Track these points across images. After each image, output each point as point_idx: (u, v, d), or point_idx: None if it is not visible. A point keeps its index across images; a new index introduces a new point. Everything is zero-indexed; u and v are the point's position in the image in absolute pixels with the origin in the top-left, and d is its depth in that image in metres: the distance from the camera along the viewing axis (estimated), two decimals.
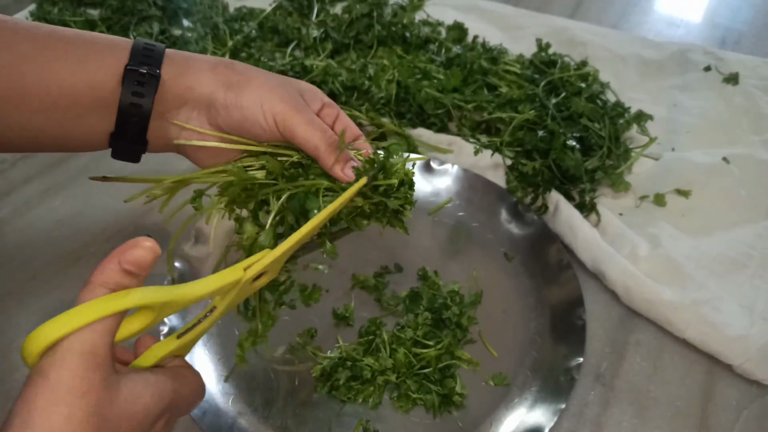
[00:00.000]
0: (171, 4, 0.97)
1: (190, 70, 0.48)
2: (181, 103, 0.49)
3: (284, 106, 0.47)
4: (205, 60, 0.50)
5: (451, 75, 0.80)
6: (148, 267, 0.34)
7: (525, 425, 0.52)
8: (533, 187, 0.70)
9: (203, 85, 0.48)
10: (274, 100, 0.48)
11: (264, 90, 0.48)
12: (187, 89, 0.48)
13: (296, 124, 0.47)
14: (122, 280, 0.33)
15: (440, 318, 0.59)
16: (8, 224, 0.70)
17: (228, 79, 0.48)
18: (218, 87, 0.48)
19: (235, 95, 0.48)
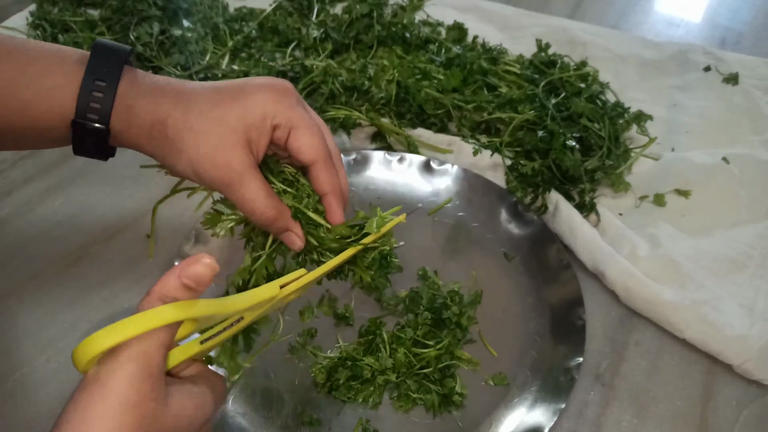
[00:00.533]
0: (171, 4, 0.97)
1: (131, 129, 0.46)
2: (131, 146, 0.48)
3: (217, 177, 0.45)
4: (145, 118, 0.46)
5: (451, 75, 0.80)
6: (206, 283, 0.35)
7: (525, 425, 0.52)
8: (533, 187, 0.70)
9: (143, 149, 0.47)
10: (206, 170, 0.45)
11: (197, 159, 0.45)
12: (131, 145, 0.47)
13: (233, 198, 0.46)
14: (180, 295, 0.34)
15: (440, 318, 0.59)
16: (8, 224, 0.70)
17: (162, 149, 0.46)
18: (156, 154, 0.47)
19: (170, 165, 0.46)
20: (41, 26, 0.94)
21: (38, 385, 0.56)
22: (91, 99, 0.45)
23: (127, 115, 0.45)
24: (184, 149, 0.45)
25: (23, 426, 0.53)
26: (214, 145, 0.44)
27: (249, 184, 0.45)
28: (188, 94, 0.46)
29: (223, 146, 0.44)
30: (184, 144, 0.45)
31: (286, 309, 0.48)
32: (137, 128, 0.46)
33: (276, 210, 0.46)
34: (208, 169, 0.44)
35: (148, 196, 0.72)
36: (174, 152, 0.45)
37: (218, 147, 0.44)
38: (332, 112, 0.78)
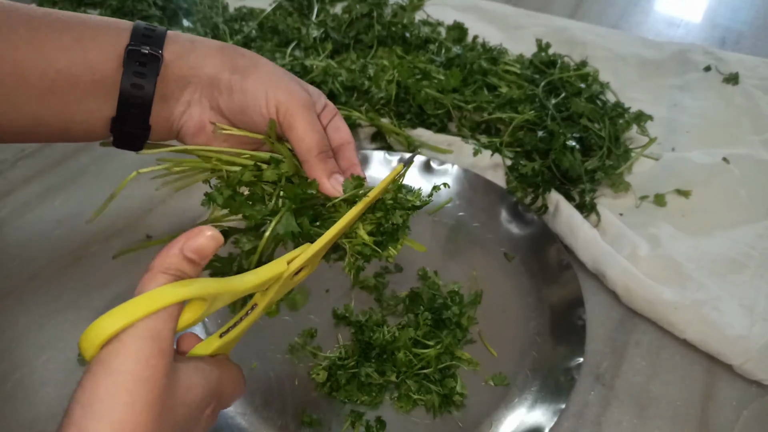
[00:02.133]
0: (171, 4, 0.97)
1: (194, 50, 0.47)
2: (184, 84, 0.47)
3: (289, 98, 0.46)
4: (211, 42, 0.48)
5: (451, 75, 0.80)
6: (209, 255, 0.34)
7: (525, 425, 0.52)
8: (533, 187, 0.70)
9: (208, 66, 0.47)
10: (279, 90, 0.46)
11: (271, 78, 0.47)
12: (190, 69, 0.47)
13: (297, 120, 0.46)
14: (184, 267, 0.33)
15: (440, 318, 0.59)
16: (8, 224, 0.70)
17: (235, 62, 0.47)
18: (224, 69, 0.47)
19: (240, 78, 0.46)
20: None
21: (38, 385, 0.55)
22: (145, 32, 0.46)
23: (186, 40, 0.47)
24: (261, 66, 0.47)
25: (23, 426, 0.53)
26: (289, 76, 0.48)
27: (315, 113, 0.47)
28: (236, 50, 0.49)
29: (295, 81, 0.48)
30: (261, 63, 0.48)
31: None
32: (202, 50, 0.47)
33: (326, 144, 0.48)
34: (283, 89, 0.46)
35: (148, 196, 0.72)
36: (250, 66, 0.47)
37: (292, 79, 0.48)
38: None
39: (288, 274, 0.41)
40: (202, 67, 0.47)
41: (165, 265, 0.33)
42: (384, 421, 0.53)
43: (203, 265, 0.34)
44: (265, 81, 0.46)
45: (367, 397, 0.54)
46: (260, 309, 0.42)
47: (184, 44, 0.47)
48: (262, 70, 0.47)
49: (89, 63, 0.45)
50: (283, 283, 0.42)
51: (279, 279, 0.41)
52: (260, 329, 0.59)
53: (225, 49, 0.48)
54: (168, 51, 0.46)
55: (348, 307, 0.61)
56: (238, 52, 0.48)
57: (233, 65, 0.47)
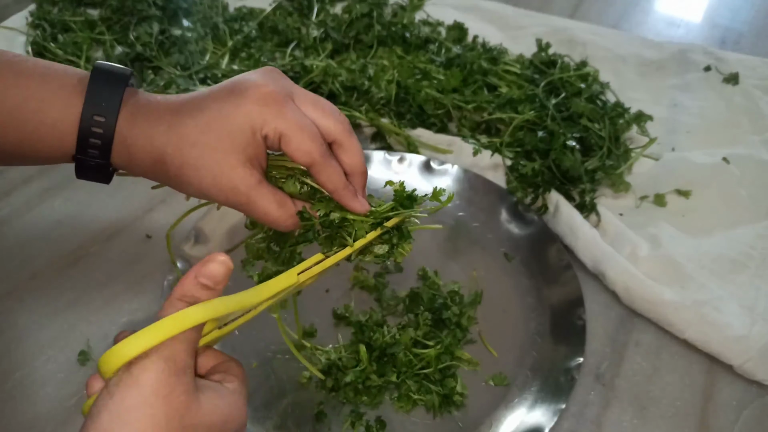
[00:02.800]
0: (171, 4, 0.97)
1: (133, 160, 0.46)
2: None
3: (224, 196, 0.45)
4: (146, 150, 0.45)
5: (451, 75, 0.80)
6: (223, 280, 0.36)
7: (525, 425, 0.52)
8: (533, 187, 0.70)
9: (150, 177, 0.47)
10: (211, 190, 0.45)
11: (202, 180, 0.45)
12: (138, 174, 0.47)
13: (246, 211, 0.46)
14: (199, 294, 0.35)
15: (440, 318, 0.59)
16: (8, 224, 0.70)
17: (167, 174, 0.46)
18: (162, 179, 0.47)
19: (180, 189, 0.46)
20: (41, 26, 0.94)
21: (38, 385, 0.55)
22: (91, 135, 0.44)
23: (127, 154, 0.46)
24: (189, 182, 0.45)
25: (23, 426, 0.53)
26: (215, 173, 0.44)
27: (258, 201, 0.45)
28: (177, 123, 0.45)
29: (223, 172, 0.44)
30: (188, 178, 0.45)
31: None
32: (140, 166, 0.46)
33: (291, 219, 0.46)
34: (217, 195, 0.45)
35: (148, 196, 0.72)
36: (181, 185, 0.46)
37: (219, 175, 0.44)
38: None
39: (298, 284, 0.43)
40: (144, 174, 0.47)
41: (183, 292, 0.35)
42: (384, 421, 0.53)
43: (218, 290, 0.36)
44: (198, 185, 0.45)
45: (367, 397, 0.54)
46: (260, 308, 0.42)
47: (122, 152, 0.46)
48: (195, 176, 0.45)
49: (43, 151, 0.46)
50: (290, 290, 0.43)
51: (288, 288, 0.42)
52: (260, 329, 0.59)
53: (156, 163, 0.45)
54: (114, 156, 0.46)
55: (348, 307, 0.61)
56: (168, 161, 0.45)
57: (167, 178, 0.46)
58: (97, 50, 0.93)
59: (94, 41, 0.93)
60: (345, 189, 0.46)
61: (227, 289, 0.36)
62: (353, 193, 0.47)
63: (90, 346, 0.58)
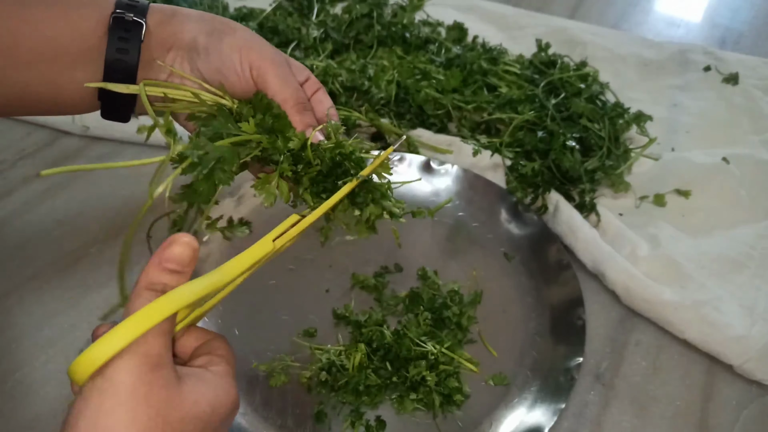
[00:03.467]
0: (171, 4, 0.97)
1: (175, 17, 0.49)
2: (165, 49, 0.49)
3: (261, 57, 0.48)
4: (192, 11, 0.50)
5: (451, 75, 0.80)
6: (190, 262, 0.34)
7: (525, 425, 0.52)
8: (533, 187, 0.70)
9: (187, 31, 0.49)
10: (252, 50, 0.48)
11: (245, 40, 0.49)
12: (171, 35, 0.49)
13: (270, 76, 0.48)
14: (167, 280, 0.33)
15: (440, 318, 0.59)
16: (8, 224, 0.70)
17: (212, 26, 0.49)
18: (201, 32, 0.49)
19: (216, 40, 0.48)
20: None
21: (38, 385, 0.56)
22: (129, 2, 0.48)
23: (168, 8, 0.49)
24: (237, 29, 0.49)
25: (23, 426, 0.53)
26: (265, 42, 0.50)
27: (288, 68, 0.49)
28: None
29: (270, 46, 0.50)
30: (239, 27, 0.49)
31: None
32: (182, 16, 0.49)
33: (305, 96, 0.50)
34: (256, 49, 0.48)
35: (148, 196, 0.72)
36: (226, 29, 0.49)
37: (267, 43, 0.50)
38: None
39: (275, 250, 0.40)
40: (182, 32, 0.49)
41: (148, 281, 0.33)
42: (384, 421, 0.53)
43: (188, 272, 0.34)
44: (239, 43, 0.48)
45: (367, 397, 0.54)
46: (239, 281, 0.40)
47: (165, 12, 0.49)
48: (238, 34, 0.49)
49: (76, 32, 0.47)
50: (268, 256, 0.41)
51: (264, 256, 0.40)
52: (260, 329, 0.59)
53: (204, 16, 0.50)
54: (151, 18, 0.48)
55: (348, 307, 0.61)
56: (216, 19, 0.50)
57: (210, 29, 0.49)
58: None
59: None
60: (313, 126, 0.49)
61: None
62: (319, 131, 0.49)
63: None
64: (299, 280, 0.63)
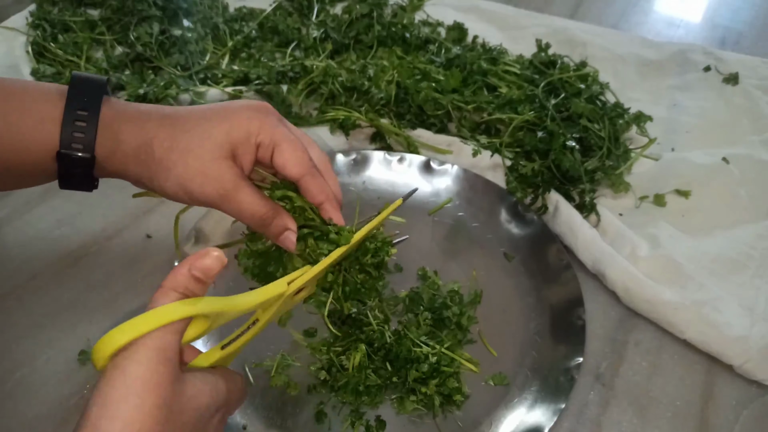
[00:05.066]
0: (171, 4, 0.97)
1: (116, 154, 0.47)
2: (117, 175, 0.49)
3: (207, 192, 0.46)
4: (130, 143, 0.47)
5: (451, 76, 0.80)
6: (214, 275, 0.37)
7: (525, 425, 0.52)
8: (533, 187, 0.70)
9: (130, 173, 0.48)
10: (194, 188, 0.46)
11: (185, 178, 0.46)
12: (117, 173, 0.49)
13: (226, 210, 0.47)
14: (191, 286, 0.36)
15: (440, 318, 0.59)
16: (8, 224, 0.70)
17: (149, 169, 0.47)
18: (144, 177, 0.48)
19: (159, 186, 0.47)
20: (41, 26, 0.94)
21: (38, 385, 0.55)
22: (75, 129, 0.46)
23: (112, 141, 0.47)
24: (172, 167, 0.46)
25: (23, 426, 0.53)
26: (203, 159, 0.46)
27: (243, 189, 0.46)
28: (172, 116, 0.47)
29: (212, 160, 0.46)
30: (173, 162, 0.46)
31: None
32: (122, 153, 0.47)
33: (273, 209, 0.47)
34: (200, 184, 0.46)
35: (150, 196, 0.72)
36: (162, 171, 0.46)
37: (208, 161, 0.46)
38: (332, 113, 0.78)
39: (289, 294, 0.44)
40: (126, 173, 0.49)
41: (175, 283, 0.36)
42: (384, 421, 0.53)
43: (209, 283, 0.37)
44: (180, 183, 0.46)
45: (367, 397, 0.54)
46: (261, 324, 0.44)
47: (108, 146, 0.47)
48: (174, 172, 0.46)
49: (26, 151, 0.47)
50: (284, 301, 0.44)
51: (280, 297, 0.43)
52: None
53: (139, 154, 0.47)
54: (98, 149, 0.47)
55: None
56: (150, 154, 0.46)
57: (149, 173, 0.47)
58: (97, 50, 0.93)
59: (94, 41, 0.93)
60: (332, 201, 0.49)
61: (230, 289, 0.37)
62: (337, 207, 0.49)
63: (90, 346, 0.58)
64: None
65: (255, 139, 0.46)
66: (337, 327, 0.55)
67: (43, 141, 0.46)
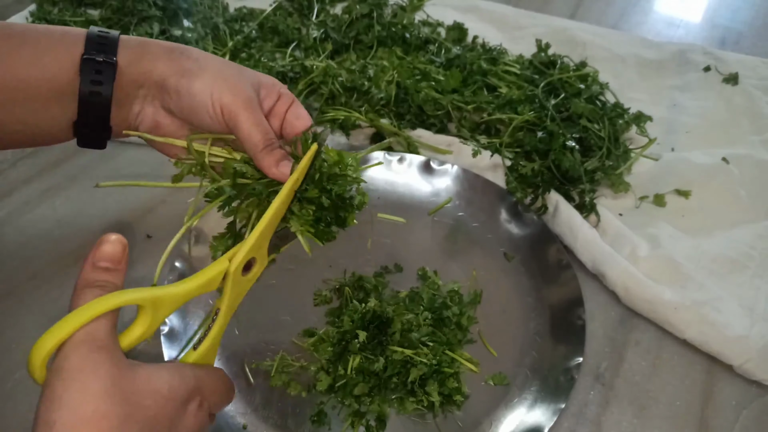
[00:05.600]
0: (171, 4, 0.97)
1: (145, 56, 0.49)
2: (137, 87, 0.49)
3: (233, 99, 0.48)
4: (160, 46, 0.50)
5: (451, 76, 0.80)
6: (121, 259, 0.36)
7: (525, 425, 0.52)
8: (533, 187, 0.70)
9: (158, 71, 0.49)
10: (224, 92, 0.48)
11: (216, 80, 0.48)
12: (142, 74, 0.49)
13: (241, 120, 0.48)
14: (103, 277, 0.36)
15: (440, 318, 0.59)
16: (8, 224, 0.70)
17: (182, 65, 0.49)
18: (171, 73, 0.49)
19: (187, 82, 0.48)
20: None
21: (38, 386, 0.55)
22: (98, 36, 0.48)
23: (138, 45, 0.49)
24: (207, 68, 0.48)
25: (23, 426, 0.53)
26: (234, 76, 0.49)
27: (259, 110, 0.49)
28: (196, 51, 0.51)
29: (241, 79, 0.49)
30: (208, 65, 0.49)
31: None
32: (151, 54, 0.49)
33: (275, 138, 0.49)
34: (227, 91, 0.48)
35: (148, 196, 0.72)
36: (196, 69, 0.48)
37: (237, 78, 0.49)
38: (332, 113, 0.78)
39: (235, 272, 0.42)
40: (152, 73, 0.49)
41: (84, 281, 0.36)
42: (384, 421, 0.53)
43: (121, 269, 0.36)
44: (210, 83, 0.48)
45: (367, 397, 0.54)
46: (223, 314, 0.43)
47: (135, 49, 0.49)
48: (209, 72, 0.49)
49: (47, 74, 0.47)
50: (235, 283, 0.43)
51: (228, 278, 0.42)
52: (260, 329, 0.59)
53: (173, 53, 0.49)
54: (121, 56, 0.48)
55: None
56: (185, 55, 0.49)
57: (180, 69, 0.49)
58: None
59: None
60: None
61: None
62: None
63: None
64: (299, 280, 0.63)
65: (279, 89, 0.51)
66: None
67: (66, 55, 0.47)
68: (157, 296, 0.37)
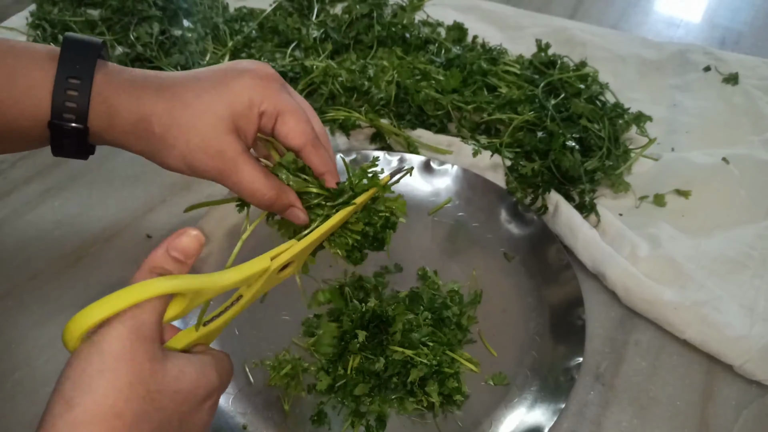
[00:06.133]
0: (171, 4, 0.97)
1: (115, 128, 0.45)
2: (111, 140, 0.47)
3: (212, 165, 0.45)
4: (130, 113, 0.45)
5: (451, 76, 0.80)
6: (194, 255, 0.36)
7: (525, 425, 0.52)
8: (533, 187, 0.70)
9: (131, 144, 0.46)
10: (200, 160, 0.44)
11: (190, 150, 0.44)
12: (113, 142, 0.46)
13: (230, 184, 0.46)
14: (170, 266, 0.35)
15: (440, 318, 0.59)
16: (8, 224, 0.70)
17: (150, 143, 0.45)
18: (142, 150, 0.46)
19: (160, 160, 0.46)
20: (41, 26, 0.94)
21: (38, 385, 0.56)
22: (67, 98, 0.44)
23: (107, 114, 0.45)
24: (174, 144, 0.44)
25: (23, 426, 0.53)
26: (204, 135, 0.44)
27: (244, 167, 0.45)
28: (169, 87, 0.45)
29: (213, 135, 0.44)
30: (173, 139, 0.44)
31: None
32: (120, 127, 0.45)
33: (276, 189, 0.46)
34: (201, 160, 0.44)
35: (148, 196, 0.72)
36: (164, 148, 0.45)
37: (208, 137, 0.44)
38: (332, 113, 0.78)
39: (273, 270, 0.42)
40: (124, 146, 0.47)
41: (153, 263, 0.35)
42: (384, 421, 0.53)
43: (189, 264, 0.36)
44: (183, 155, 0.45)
45: (367, 397, 0.54)
46: (245, 301, 0.42)
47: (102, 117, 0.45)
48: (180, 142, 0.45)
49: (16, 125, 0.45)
50: (268, 278, 0.43)
51: (264, 273, 0.42)
52: (260, 329, 0.59)
53: (139, 126, 0.45)
54: (93, 118, 0.45)
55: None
56: (153, 121, 0.44)
57: (150, 149, 0.45)
58: None
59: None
60: (334, 173, 0.48)
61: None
62: (337, 178, 0.48)
63: None
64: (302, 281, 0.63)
65: (258, 109, 0.45)
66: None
67: (34, 108, 0.44)
68: (203, 287, 0.36)
